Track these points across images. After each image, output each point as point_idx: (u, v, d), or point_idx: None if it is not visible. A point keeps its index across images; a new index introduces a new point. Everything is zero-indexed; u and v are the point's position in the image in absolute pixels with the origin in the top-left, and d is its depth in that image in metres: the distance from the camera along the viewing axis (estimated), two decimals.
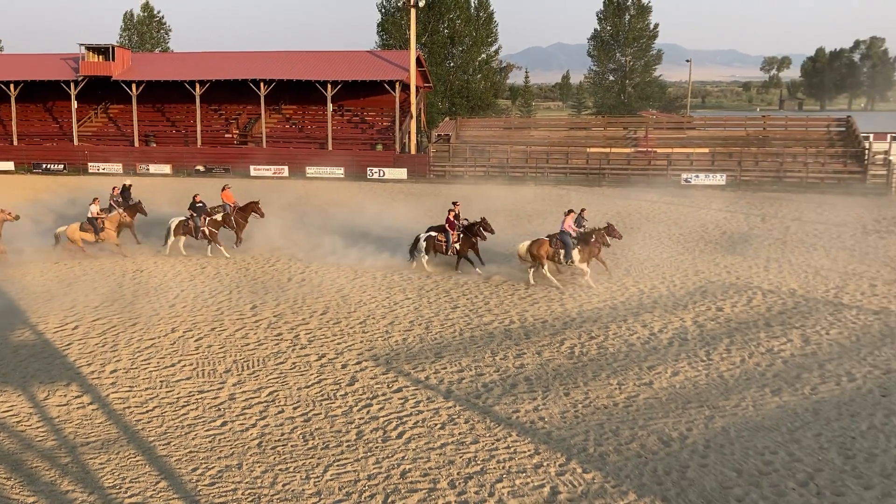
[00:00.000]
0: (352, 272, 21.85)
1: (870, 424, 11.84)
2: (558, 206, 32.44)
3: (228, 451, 11.10)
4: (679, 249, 24.74)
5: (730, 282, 20.48)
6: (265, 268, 22.52)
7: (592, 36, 79.87)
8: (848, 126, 45.49)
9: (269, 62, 52.07)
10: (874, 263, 22.59)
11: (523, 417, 12.22)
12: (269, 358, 14.96)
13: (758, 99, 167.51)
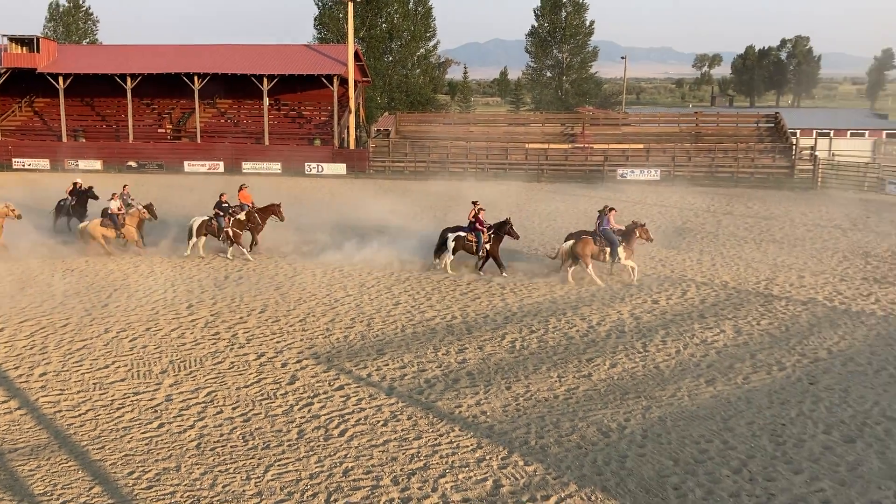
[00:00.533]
0: (290, 269, 21.60)
1: (799, 411, 12.27)
2: (509, 202, 32.67)
3: (166, 453, 10.86)
4: None
5: (665, 275, 20.94)
6: (201, 266, 22.08)
7: (530, 32, 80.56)
8: (776, 122, 46.96)
9: (204, 56, 51.03)
10: (802, 255, 23.39)
11: (466, 412, 12.28)
12: (207, 358, 14.68)
13: (690, 96, 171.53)
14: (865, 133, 61.11)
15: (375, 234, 25.62)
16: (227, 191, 24.71)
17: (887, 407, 12.43)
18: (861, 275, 20.90)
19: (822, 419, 11.98)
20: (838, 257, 22.89)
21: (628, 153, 45.09)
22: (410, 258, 22.42)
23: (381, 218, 28.76)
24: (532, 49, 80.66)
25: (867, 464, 10.58)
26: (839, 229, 27.85)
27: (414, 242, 23.43)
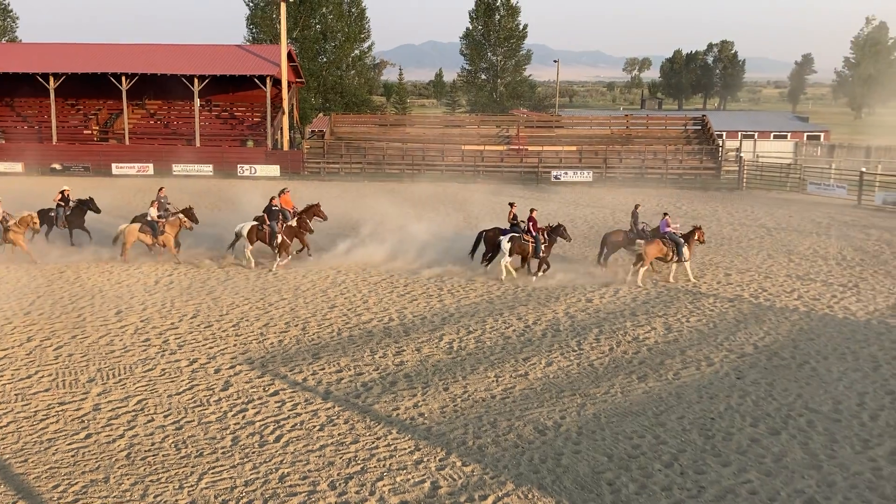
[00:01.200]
0: (223, 273, 21.21)
1: (727, 405, 12.64)
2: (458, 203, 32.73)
3: (94, 464, 10.53)
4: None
5: (597, 274, 21.28)
6: (130, 271, 21.49)
7: (464, 35, 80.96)
8: (703, 124, 48.25)
9: (132, 55, 49.68)
10: (728, 254, 24.08)
11: (403, 414, 12.26)
12: (137, 365, 14.31)
13: (621, 98, 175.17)
14: (788, 135, 63.32)
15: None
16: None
17: (810, 399, 12.91)
18: (784, 272, 21.65)
19: (749, 412, 12.37)
20: (763, 255, 23.65)
21: (562, 155, 45.69)
22: (343, 261, 22.28)
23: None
24: (467, 52, 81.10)
25: (791, 454, 10.97)
26: (764, 228, 28.78)
27: (348, 245, 23.29)
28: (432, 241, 23.49)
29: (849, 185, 36.29)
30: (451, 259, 22.09)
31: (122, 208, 28.44)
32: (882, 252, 24.33)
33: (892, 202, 33.34)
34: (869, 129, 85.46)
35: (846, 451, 11.10)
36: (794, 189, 39.03)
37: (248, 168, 44.66)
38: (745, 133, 60.78)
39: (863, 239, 26.59)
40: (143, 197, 28.64)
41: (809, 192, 37.59)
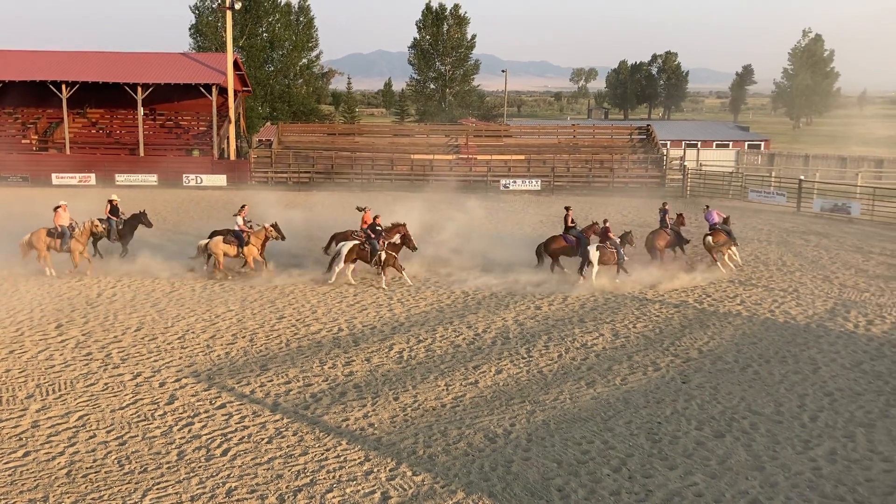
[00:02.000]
0: (168, 285, 20.81)
1: (673, 409, 12.85)
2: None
3: (32, 483, 10.21)
4: (501, 251, 25.56)
5: (546, 281, 21.46)
6: (72, 283, 20.93)
7: (413, 45, 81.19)
8: (648, 134, 49.15)
9: (73, 63, 48.54)
10: (674, 261, 24.49)
11: (353, 425, 12.17)
12: (78, 380, 13.93)
13: (568, 108, 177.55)
14: (729, 144, 64.93)
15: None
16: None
17: (752, 402, 13.21)
18: (727, 278, 22.13)
19: (695, 416, 12.60)
20: (707, 262, 24.12)
21: (510, 164, 46.07)
22: (296, 270, 22.05)
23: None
24: (415, 61, 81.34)
25: (735, 456, 11.20)
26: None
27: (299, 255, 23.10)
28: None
29: (788, 193, 37.33)
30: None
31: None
32: (820, 258, 25.07)
33: (829, 209, 34.40)
34: (807, 139, 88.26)
35: (788, 451, 11.38)
36: (735, 196, 39.98)
37: (193, 178, 43.96)
38: (689, 142, 62.18)
39: (802, 245, 27.36)
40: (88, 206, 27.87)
41: (750, 199, 38.57)
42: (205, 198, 39.51)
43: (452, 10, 79.46)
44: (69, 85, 45.66)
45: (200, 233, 25.25)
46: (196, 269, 22.09)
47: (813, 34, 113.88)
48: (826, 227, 31.52)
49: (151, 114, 49.42)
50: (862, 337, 16.82)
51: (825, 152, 56.13)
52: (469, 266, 22.60)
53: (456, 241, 25.06)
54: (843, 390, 13.78)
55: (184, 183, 43.67)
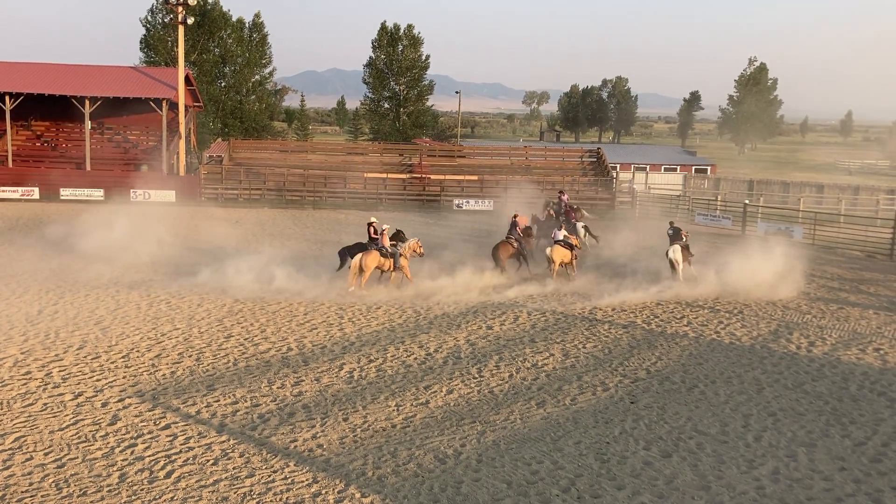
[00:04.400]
0: (112, 302, 20.33)
1: (622, 430, 12.97)
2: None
3: None
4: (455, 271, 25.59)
5: (498, 301, 21.57)
6: (11, 299, 20.30)
7: (367, 63, 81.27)
8: (598, 157, 49.93)
9: (18, 73, 47.37)
10: (623, 282, 24.80)
11: (301, 446, 12.00)
12: (16, 399, 13.47)
13: (521, 130, 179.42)
14: (677, 168, 66.30)
15: (208, 262, 24.66)
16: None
17: (699, 422, 13.40)
18: (675, 299, 22.49)
19: (643, 436, 12.73)
20: (658, 286, 24.47)
21: (463, 184, 46.32)
22: (243, 287, 21.75)
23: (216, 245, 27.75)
24: (370, 80, 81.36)
25: (682, 476, 11.34)
26: (656, 256, 29.81)
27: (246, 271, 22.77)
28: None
29: (733, 216, 38.22)
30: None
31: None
32: (765, 280, 25.64)
33: (773, 232, 35.30)
34: (751, 164, 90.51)
35: (733, 471, 11.57)
36: (683, 219, 40.78)
37: (141, 193, 43.14)
38: (638, 166, 63.33)
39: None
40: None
41: (697, 222, 39.37)
42: (157, 213, 38.81)
43: (406, 31, 79.86)
44: (13, 96, 44.52)
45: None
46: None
47: (758, 63, 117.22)
48: (770, 250, 32.24)
49: (99, 128, 48.49)
50: (804, 358, 17.24)
51: (769, 177, 57.67)
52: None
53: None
54: (785, 410, 14.08)
55: (131, 198, 42.81)
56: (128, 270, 23.80)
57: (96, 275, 23.07)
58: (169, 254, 26.47)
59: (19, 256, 26.23)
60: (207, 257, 25.45)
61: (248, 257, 24.72)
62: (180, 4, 46.49)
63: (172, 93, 46.58)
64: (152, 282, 22.70)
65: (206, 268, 23.26)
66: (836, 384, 15.55)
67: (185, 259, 25.70)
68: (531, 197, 42.62)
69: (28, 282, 22.35)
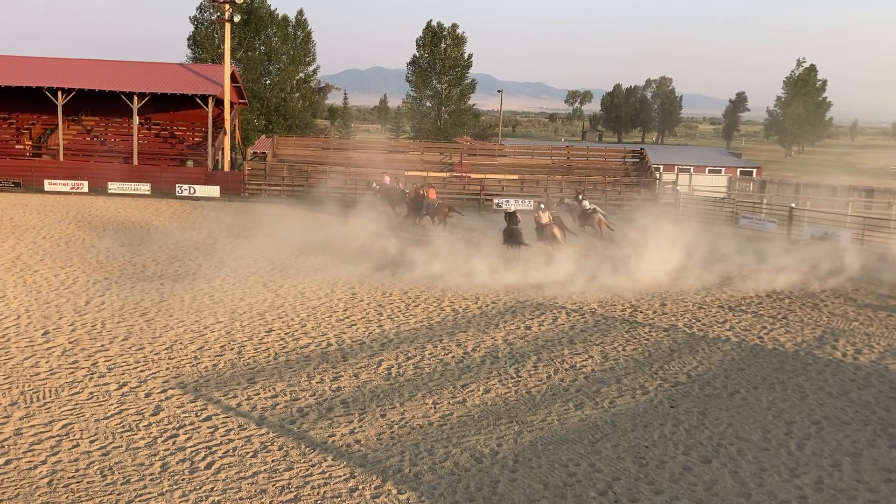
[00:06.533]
0: (157, 295, 20.72)
1: (660, 433, 12.82)
2: None
3: (13, 492, 10.09)
4: (495, 268, 25.58)
5: (538, 301, 21.49)
6: (60, 290, 20.82)
7: (411, 62, 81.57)
8: (641, 157, 49.43)
9: (69, 70, 48.56)
10: (664, 284, 24.54)
11: (339, 441, 12.09)
12: (63, 388, 13.81)
13: (563, 130, 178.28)
14: (722, 170, 65.38)
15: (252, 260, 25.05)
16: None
17: (740, 428, 13.19)
18: (717, 303, 22.18)
19: (682, 441, 12.57)
20: (697, 286, 24.19)
21: (503, 183, 46.22)
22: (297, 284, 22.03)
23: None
24: (412, 79, 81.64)
25: (722, 482, 11.17)
26: (696, 259, 29.41)
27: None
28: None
29: (779, 220, 37.52)
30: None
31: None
32: (810, 285, 25.16)
33: (819, 237, 34.57)
34: (798, 167, 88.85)
35: (774, 479, 11.37)
36: (727, 222, 40.15)
37: (187, 188, 43.90)
38: (682, 167, 62.54)
39: (791, 272, 27.43)
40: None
41: (742, 225, 38.73)
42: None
43: (450, 30, 79.95)
44: (65, 92, 45.65)
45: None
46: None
47: (807, 64, 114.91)
48: (815, 254, 31.62)
49: (147, 123, 49.40)
50: (850, 366, 16.86)
51: (816, 181, 56.50)
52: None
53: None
54: (830, 419, 13.79)
55: (177, 193, 43.60)
56: (175, 266, 24.19)
57: (142, 267, 23.52)
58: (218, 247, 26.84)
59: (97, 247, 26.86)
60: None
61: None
62: (227, 2, 47.15)
63: (218, 89, 47.29)
64: (196, 275, 23.06)
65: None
66: (884, 393, 15.18)
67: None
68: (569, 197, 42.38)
69: (78, 274, 22.89)
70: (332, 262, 25.50)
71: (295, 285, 22.19)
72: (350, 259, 25.66)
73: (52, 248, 26.73)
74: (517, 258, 26.15)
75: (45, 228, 31.07)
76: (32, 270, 23.02)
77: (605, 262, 25.62)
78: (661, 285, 23.84)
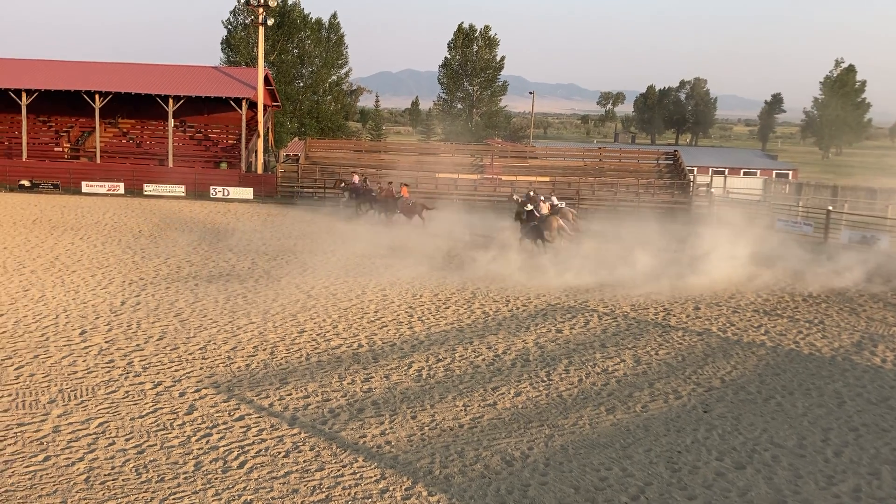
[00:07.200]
0: (191, 295, 20.98)
1: (694, 439, 12.68)
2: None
3: (51, 488, 10.28)
4: (526, 273, 25.52)
5: (569, 305, 21.39)
6: (97, 291, 21.18)
7: (442, 64, 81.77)
8: (675, 160, 48.97)
9: (106, 73, 49.41)
10: (697, 288, 24.28)
11: (370, 442, 12.14)
12: (100, 387, 14.04)
13: (595, 131, 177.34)
14: (757, 172, 64.51)
15: (284, 261, 25.25)
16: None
17: (775, 434, 13.00)
18: (752, 307, 21.89)
19: (716, 446, 12.42)
20: (731, 290, 23.89)
21: (535, 185, 46.08)
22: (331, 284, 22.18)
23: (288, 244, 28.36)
24: (444, 81, 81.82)
25: (756, 489, 11.01)
26: (731, 262, 29.04)
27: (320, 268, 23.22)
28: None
29: (815, 223, 36.91)
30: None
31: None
32: (847, 290, 24.73)
33: (857, 241, 33.95)
34: (836, 169, 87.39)
35: (810, 486, 11.18)
36: (762, 225, 39.60)
37: (221, 190, 44.42)
38: (716, 169, 61.83)
39: (829, 276, 26.99)
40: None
41: (778, 228, 38.18)
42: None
43: (482, 32, 79.99)
44: (102, 95, 46.45)
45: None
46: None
47: (846, 64, 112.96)
48: (853, 258, 31.05)
49: (182, 125, 50.08)
50: (889, 372, 16.52)
51: (854, 183, 55.51)
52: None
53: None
54: (868, 426, 13.52)
55: (211, 195, 44.14)
56: (207, 267, 24.48)
57: (176, 268, 23.83)
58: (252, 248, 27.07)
59: (104, 249, 27.33)
60: (280, 253, 25.92)
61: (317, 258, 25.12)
62: (261, 6, 47.64)
63: (252, 92, 47.78)
64: (229, 276, 23.32)
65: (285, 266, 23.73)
66: None
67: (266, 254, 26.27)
68: (601, 199, 42.21)
69: (114, 275, 23.27)
70: (363, 262, 25.64)
71: (326, 286, 22.35)
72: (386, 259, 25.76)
73: (88, 249, 27.21)
74: (542, 252, 26.56)
75: (82, 229, 31.63)
76: (70, 271, 23.46)
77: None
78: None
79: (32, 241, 28.53)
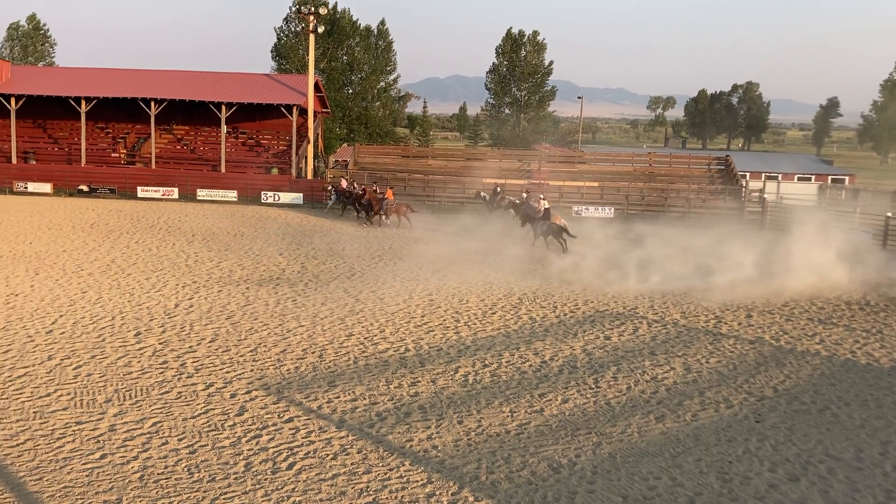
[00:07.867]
0: (243, 298, 21.33)
1: (745, 449, 12.43)
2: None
3: (107, 485, 10.55)
4: (571, 278, 25.38)
5: (617, 311, 21.18)
6: (151, 293, 21.68)
7: (490, 70, 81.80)
8: (727, 165, 48.17)
9: (161, 81, 50.63)
10: (750, 295, 23.82)
11: (417, 446, 12.18)
12: (154, 387, 14.36)
13: (645, 136, 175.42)
14: (812, 178, 63.08)
15: (333, 267, 25.50)
16: None
17: (830, 446, 12.67)
18: (807, 315, 21.40)
19: (768, 457, 12.16)
20: (785, 298, 23.39)
21: (583, 190, 45.76)
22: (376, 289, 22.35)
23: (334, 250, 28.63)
24: (492, 86, 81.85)
25: (811, 502, 10.75)
26: (787, 270, 28.43)
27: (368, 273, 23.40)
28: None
29: (874, 230, 35.90)
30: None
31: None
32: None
33: None
34: (895, 175, 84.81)
35: (868, 501, 10.87)
36: (818, 231, 38.65)
37: (272, 195, 45.10)
38: (769, 174, 60.62)
39: (888, 285, 26.26)
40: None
41: (833, 235, 37.20)
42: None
43: (531, 37, 79.82)
44: (158, 102, 47.59)
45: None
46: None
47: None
48: None
49: (234, 132, 51.02)
50: None
51: None
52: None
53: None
54: None
55: (262, 200, 44.85)
56: (259, 272, 24.83)
57: (228, 271, 24.25)
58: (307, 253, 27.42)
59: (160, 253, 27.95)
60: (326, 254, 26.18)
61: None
62: (311, 14, 48.31)
63: (302, 99, 48.46)
64: (279, 280, 23.65)
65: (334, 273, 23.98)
66: None
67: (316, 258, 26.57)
68: (650, 204, 41.72)
69: (167, 276, 23.79)
70: (410, 269, 25.78)
71: (374, 291, 22.52)
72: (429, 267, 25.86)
73: (143, 253, 27.89)
74: (566, 250, 27.24)
75: (137, 233, 32.43)
76: (126, 273, 24.06)
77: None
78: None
79: (90, 244, 29.37)
